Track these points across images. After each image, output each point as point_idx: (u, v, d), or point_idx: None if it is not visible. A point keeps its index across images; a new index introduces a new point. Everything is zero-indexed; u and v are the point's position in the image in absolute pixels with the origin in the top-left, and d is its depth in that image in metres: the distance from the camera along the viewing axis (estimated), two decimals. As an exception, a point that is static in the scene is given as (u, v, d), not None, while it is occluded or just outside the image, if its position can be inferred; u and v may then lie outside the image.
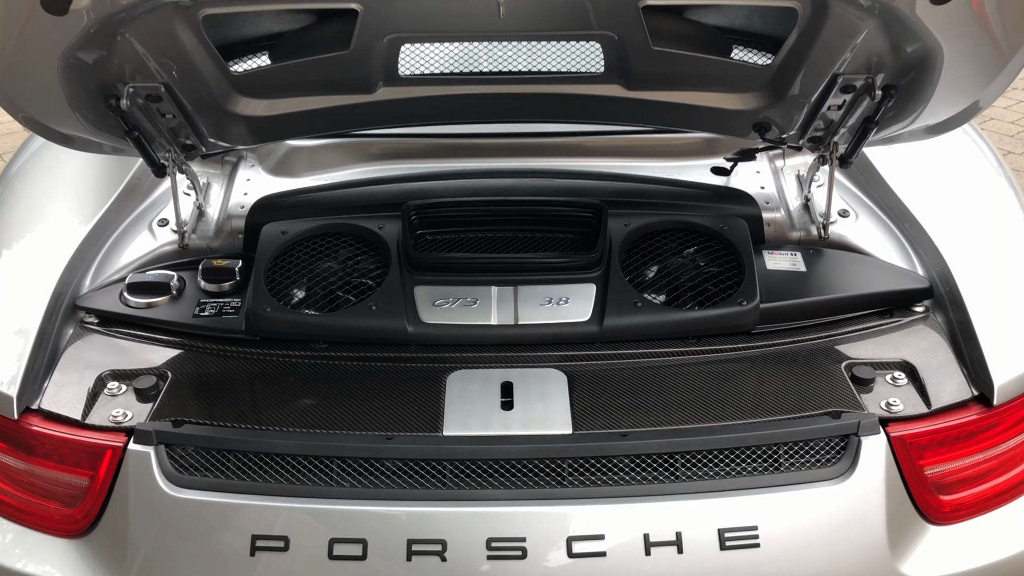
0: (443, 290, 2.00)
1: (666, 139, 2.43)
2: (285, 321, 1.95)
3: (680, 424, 1.76)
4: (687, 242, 2.11)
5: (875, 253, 2.18)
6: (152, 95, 1.88)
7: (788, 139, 2.12)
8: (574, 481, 1.68)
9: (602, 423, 1.76)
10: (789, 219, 2.26)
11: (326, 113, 1.99)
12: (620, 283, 1.99)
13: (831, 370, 1.89)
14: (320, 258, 2.09)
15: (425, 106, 2.01)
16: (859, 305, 2.04)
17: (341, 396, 1.84)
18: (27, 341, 1.86)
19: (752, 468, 1.71)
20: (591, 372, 1.90)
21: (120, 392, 1.85)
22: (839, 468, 1.71)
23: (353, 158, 2.41)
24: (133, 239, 2.23)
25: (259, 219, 2.19)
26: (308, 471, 1.69)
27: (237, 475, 1.69)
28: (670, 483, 1.68)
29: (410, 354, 1.94)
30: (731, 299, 1.97)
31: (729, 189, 2.30)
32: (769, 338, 1.98)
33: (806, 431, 1.73)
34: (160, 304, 2.04)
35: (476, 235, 2.16)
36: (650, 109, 2.02)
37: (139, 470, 1.70)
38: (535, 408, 1.79)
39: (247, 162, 2.40)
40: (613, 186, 2.27)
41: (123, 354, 1.96)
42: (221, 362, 1.94)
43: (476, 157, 2.39)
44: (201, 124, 2.01)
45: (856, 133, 2.01)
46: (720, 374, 1.91)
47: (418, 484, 1.67)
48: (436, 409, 1.79)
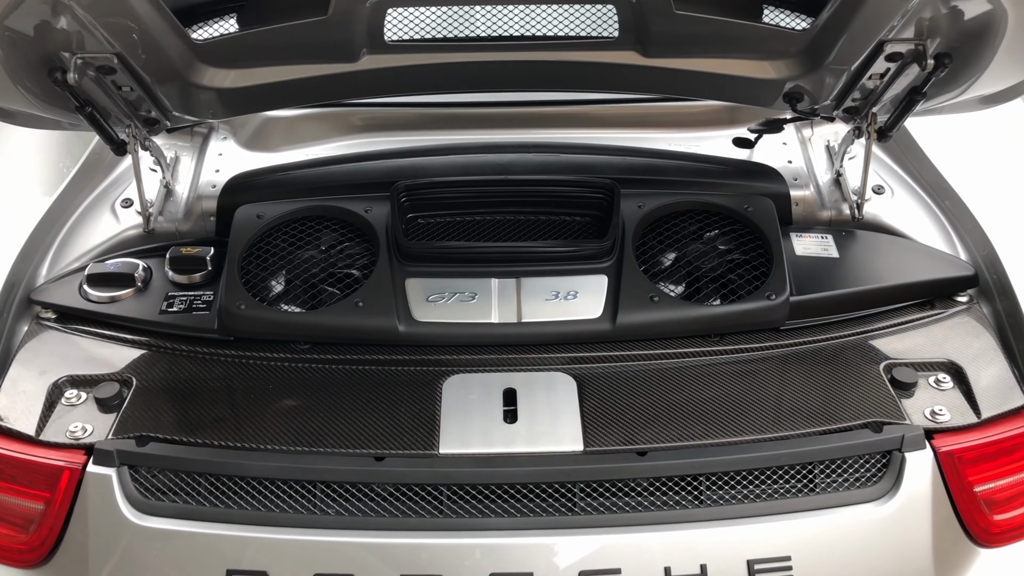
0: (438, 283, 1.81)
1: (683, 107, 2.22)
2: (261, 320, 1.77)
3: (703, 438, 1.58)
4: (708, 225, 1.93)
5: (913, 235, 2.00)
6: (104, 66, 1.66)
7: (821, 110, 1.91)
8: (586, 507, 1.52)
9: (616, 438, 1.58)
10: (819, 197, 2.06)
11: (303, 84, 1.77)
12: (634, 274, 1.80)
13: (869, 372, 1.72)
14: (300, 246, 1.89)
15: (415, 76, 1.79)
16: (897, 296, 1.86)
17: (325, 407, 1.66)
18: None
19: (785, 489, 1.55)
20: (603, 376, 1.72)
21: (79, 402, 1.69)
22: (881, 488, 1.56)
23: (336, 130, 2.20)
24: (94, 222, 2.04)
25: (232, 200, 1.99)
26: (289, 496, 1.54)
27: (209, 501, 1.54)
28: (694, 508, 1.53)
29: (401, 356, 1.77)
30: (758, 292, 1.79)
31: (753, 164, 2.09)
32: (799, 335, 1.81)
33: (844, 447, 1.57)
34: (124, 298, 1.87)
35: (474, 218, 1.97)
36: (669, 78, 1.80)
37: (99, 495, 1.55)
38: (541, 420, 1.62)
39: (219, 134, 2.19)
40: (625, 161, 2.06)
41: (83, 356, 1.79)
42: (191, 366, 1.76)
43: (473, 129, 2.18)
44: (163, 97, 1.79)
45: (899, 104, 1.81)
46: (746, 377, 1.73)
47: (412, 511, 1.52)
48: (431, 422, 1.61)
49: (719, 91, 1.88)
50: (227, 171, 2.09)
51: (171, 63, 1.70)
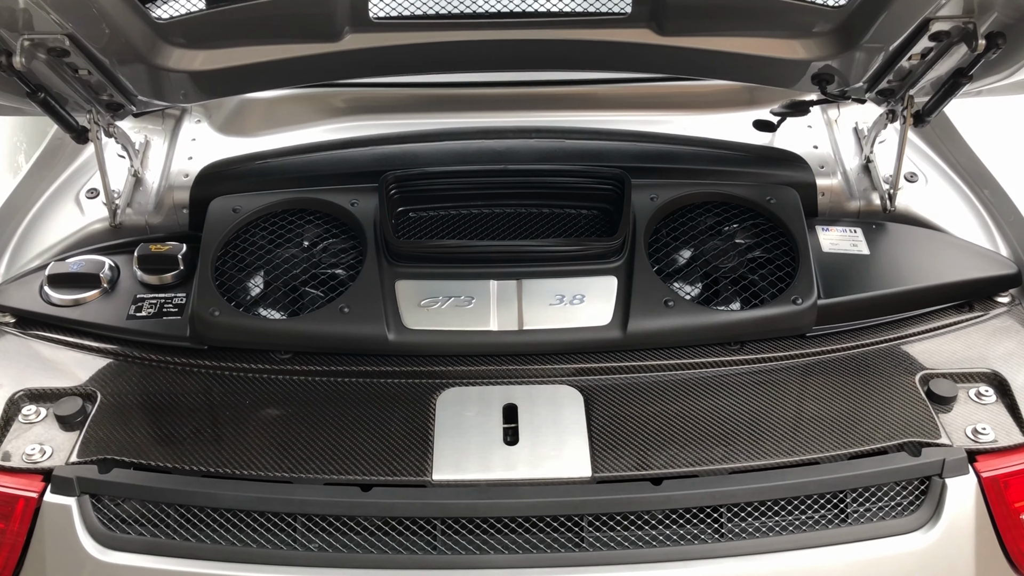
0: (431, 286, 1.68)
1: (699, 87, 2.07)
2: (237, 327, 1.63)
3: (724, 462, 1.45)
4: (727, 219, 1.80)
5: (949, 228, 1.88)
6: (55, 48, 1.49)
7: (852, 92, 1.75)
8: (595, 541, 1.40)
9: (628, 462, 1.45)
10: (847, 186, 1.91)
11: (279, 67, 1.61)
12: (647, 275, 1.66)
13: (903, 384, 1.58)
14: (280, 243, 1.76)
15: (402, 57, 1.63)
16: (933, 298, 1.73)
17: (307, 426, 1.52)
18: None
19: (813, 520, 1.42)
20: (612, 389, 1.59)
21: (38, 419, 1.56)
22: (919, 518, 1.44)
23: (319, 113, 2.06)
24: (56, 215, 1.92)
25: (206, 192, 1.86)
26: (267, 530, 1.41)
27: (180, 534, 1.43)
28: (714, 543, 1.40)
29: (391, 368, 1.64)
30: (783, 296, 1.65)
31: (776, 151, 1.95)
32: (827, 342, 1.68)
33: (879, 473, 1.45)
34: (89, 300, 1.75)
35: (470, 212, 1.84)
36: (686, 58, 1.64)
37: (58, 526, 1.43)
38: (545, 441, 1.49)
39: (192, 117, 2.04)
40: (636, 148, 1.92)
41: (43, 366, 1.67)
42: (161, 378, 1.63)
43: (469, 112, 2.04)
44: (125, 80, 1.64)
45: (941, 87, 1.64)
46: (769, 390, 1.59)
47: (402, 547, 1.41)
48: (423, 444, 1.47)
49: (742, 72, 1.72)
50: (201, 158, 1.95)
51: (131, 44, 1.53)
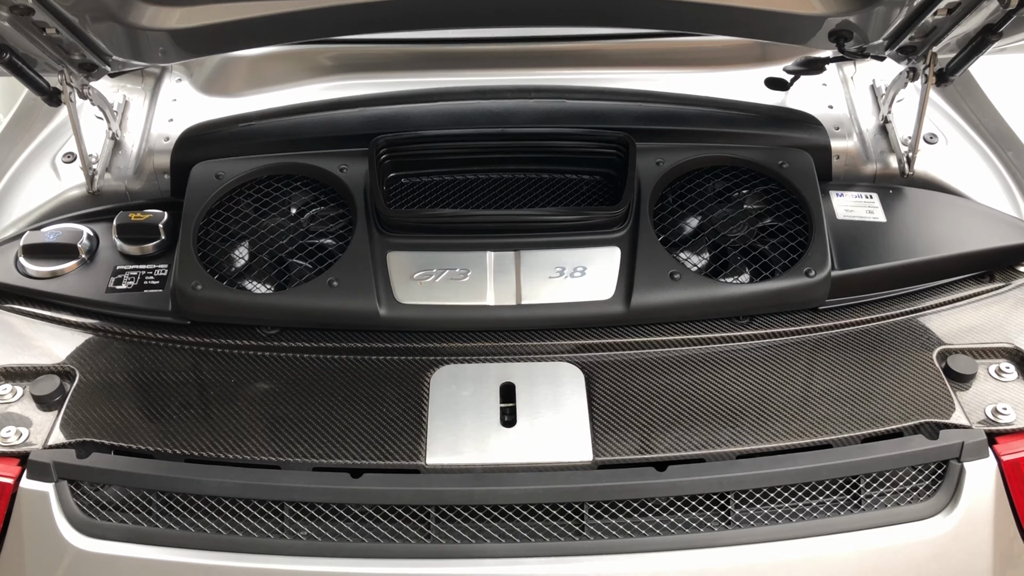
0: (424, 258, 1.62)
1: (707, 43, 1.98)
2: (221, 302, 1.57)
3: (731, 445, 1.39)
4: (737, 185, 1.73)
5: (970, 192, 1.81)
6: (18, 7, 1.39)
7: (871, 49, 1.65)
8: (596, 530, 1.35)
9: (631, 445, 1.39)
10: (863, 148, 1.83)
11: (259, 24, 1.53)
12: (652, 246, 1.59)
13: (920, 360, 1.52)
14: (266, 211, 1.70)
15: (392, 9, 1.52)
16: (953, 268, 1.67)
17: (294, 407, 1.47)
18: None
19: (826, 507, 1.37)
20: (615, 367, 1.54)
21: (14, 399, 1.52)
22: (936, 503, 1.40)
23: (306, 71, 1.98)
24: (31, 181, 1.86)
25: (188, 156, 1.79)
26: (253, 518, 1.37)
27: (162, 521, 1.38)
28: (720, 530, 1.35)
29: (383, 344, 1.59)
30: (795, 268, 1.58)
31: (789, 111, 1.87)
32: (840, 316, 1.62)
33: (895, 457, 1.39)
34: (67, 272, 1.69)
35: (466, 178, 1.77)
36: (696, 13, 1.56)
37: (35, 513, 1.38)
38: (544, 423, 1.44)
39: (173, 76, 1.96)
40: (641, 108, 1.84)
41: (19, 342, 1.61)
42: (142, 355, 1.57)
43: (464, 70, 1.96)
44: (96, 39, 1.55)
45: (968, 45, 1.55)
46: (779, 367, 1.53)
47: (394, 535, 1.36)
48: (416, 426, 1.42)
49: (753, 27, 1.63)
50: (182, 120, 1.88)
51: (101, 1, 1.43)
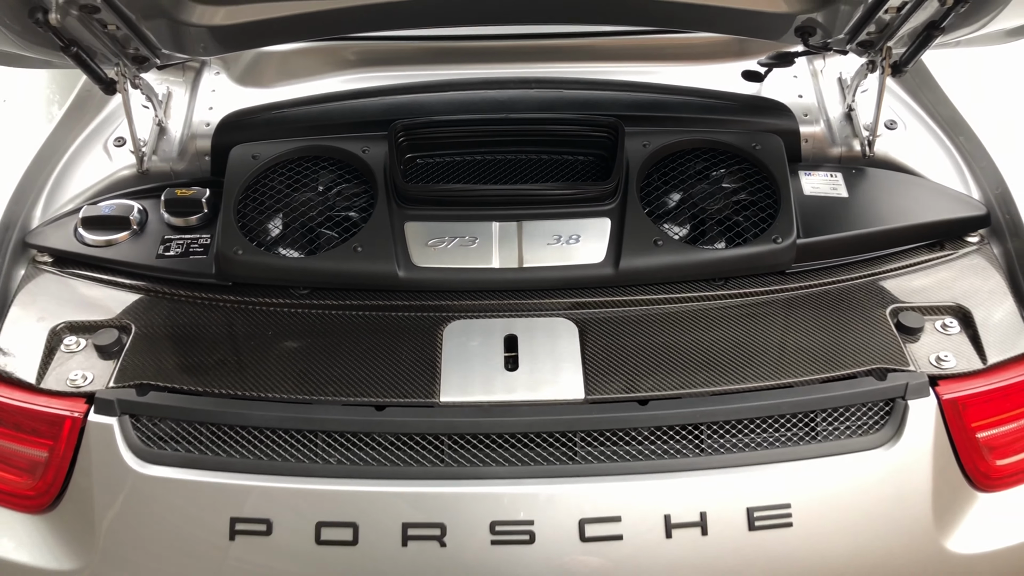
0: (438, 227, 1.78)
1: (690, 40, 2.15)
2: (259, 265, 1.75)
3: (706, 386, 1.57)
4: (714, 164, 1.89)
5: (925, 172, 1.96)
6: (88, 6, 1.59)
7: (834, 44, 1.84)
8: (587, 456, 1.53)
9: (618, 386, 1.57)
10: (829, 133, 2.00)
11: (295, 20, 1.71)
12: (638, 217, 1.77)
13: (875, 316, 1.70)
14: (297, 187, 1.86)
15: (409, 8, 1.72)
16: (907, 237, 1.83)
17: (325, 354, 1.65)
18: None
19: (786, 437, 1.55)
20: (605, 321, 1.71)
21: (78, 348, 1.68)
22: (883, 436, 1.56)
23: (331, 65, 2.14)
24: (86, 162, 2.01)
25: (227, 139, 1.96)
26: (290, 446, 1.54)
27: (212, 450, 1.55)
28: (694, 457, 1.53)
29: (401, 302, 1.75)
30: (765, 235, 1.76)
31: (762, 99, 2.03)
32: (805, 278, 1.79)
33: (847, 395, 1.57)
34: (120, 241, 1.85)
35: (474, 159, 1.93)
36: (676, 10, 1.74)
37: (102, 443, 1.56)
38: (542, 368, 1.62)
39: (212, 69, 2.13)
40: (629, 97, 2.00)
41: (80, 301, 1.78)
42: (190, 311, 1.75)
43: (472, 63, 2.12)
44: (150, 34, 1.74)
45: (916, 38, 1.74)
46: (750, 322, 1.71)
47: (413, 460, 1.53)
48: (432, 370, 1.61)
49: (729, 24, 1.81)
50: (221, 108, 2.04)
51: (156, 1, 1.63)
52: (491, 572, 1.47)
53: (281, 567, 1.50)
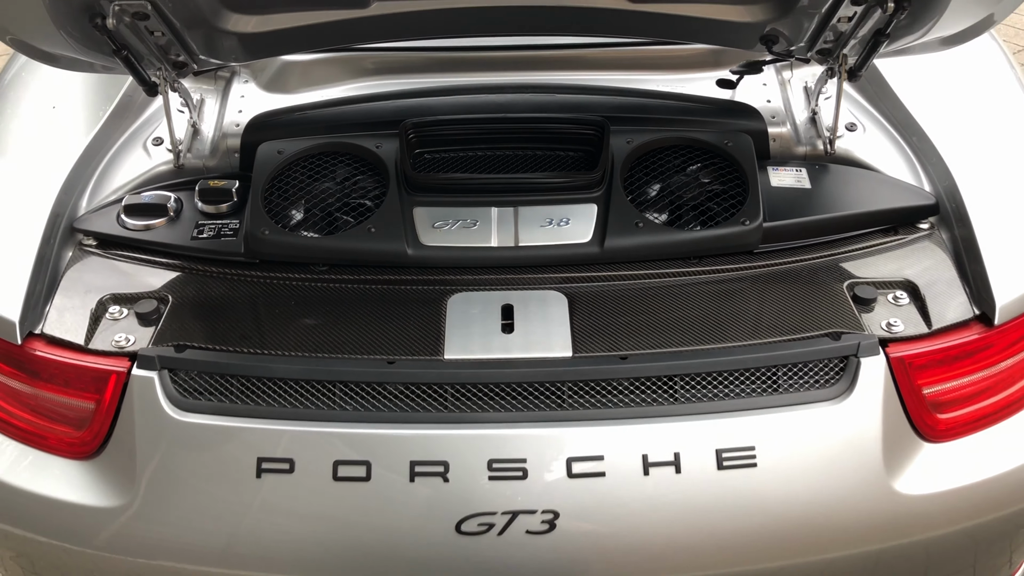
0: (442, 211, 1.97)
1: (670, 51, 2.36)
2: (283, 244, 1.94)
3: (680, 346, 1.76)
4: (690, 159, 2.08)
5: (882, 168, 2.14)
6: (139, 13, 1.81)
7: (796, 51, 2.06)
8: (574, 404, 1.69)
9: (602, 345, 1.76)
10: (795, 134, 2.21)
11: (318, 29, 1.93)
12: (622, 203, 1.97)
13: (833, 289, 1.89)
14: (317, 178, 2.06)
15: (419, 20, 1.94)
16: (863, 223, 2.02)
17: (342, 319, 1.84)
18: (27, 264, 1.86)
19: (751, 390, 1.72)
20: (591, 294, 1.89)
21: (122, 316, 1.86)
22: (837, 389, 1.72)
23: (348, 73, 2.35)
24: (128, 159, 2.19)
25: (254, 138, 2.16)
26: (311, 395, 1.71)
27: (241, 399, 1.71)
28: (669, 405, 1.69)
29: (410, 276, 1.93)
30: (734, 219, 1.95)
31: (734, 103, 2.25)
32: (771, 257, 1.97)
33: (805, 352, 1.74)
34: (158, 226, 2.03)
35: (475, 154, 2.12)
36: (654, 22, 1.95)
37: (144, 395, 1.72)
38: (535, 331, 1.80)
39: (240, 77, 2.34)
40: (615, 101, 2.21)
41: (123, 277, 1.96)
42: (221, 285, 1.94)
43: (474, 71, 2.32)
44: (191, 41, 1.95)
45: (866, 45, 1.95)
46: (721, 294, 1.90)
47: (420, 407, 1.69)
48: (437, 332, 1.80)
49: (702, 34, 2.03)
50: (249, 111, 2.24)
51: (199, 10, 1.85)
52: (489, 504, 1.64)
53: (302, 501, 1.67)
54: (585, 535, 1.65)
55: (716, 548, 1.68)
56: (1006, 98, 2.22)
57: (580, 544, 1.65)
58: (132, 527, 1.73)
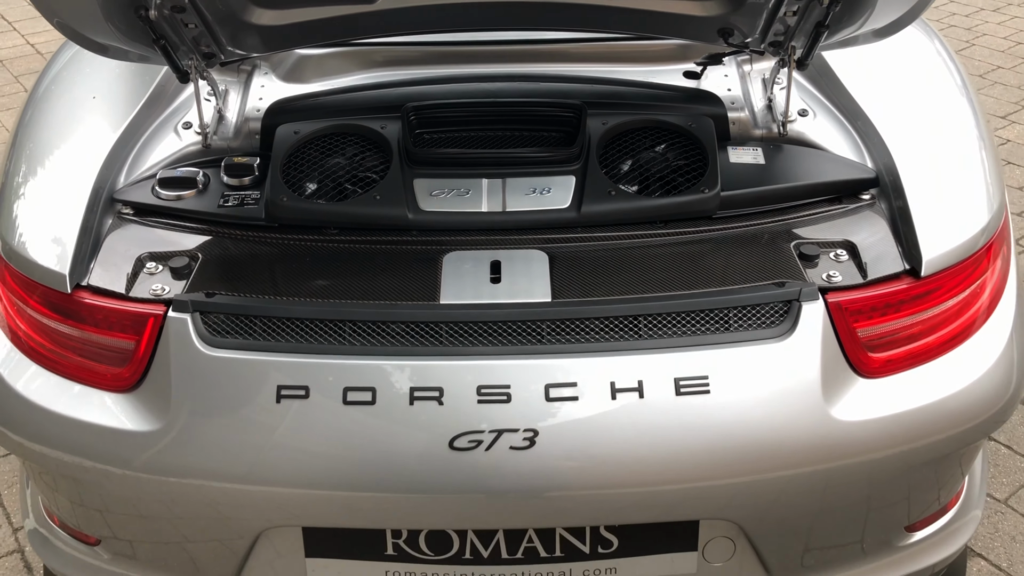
0: (439, 182, 2.23)
1: (642, 45, 2.63)
2: (300, 209, 2.21)
3: (644, 292, 2.02)
4: (658, 139, 2.35)
5: (830, 148, 2.40)
6: (176, 6, 2.09)
7: (751, 44, 2.33)
8: (551, 340, 1.92)
9: (577, 293, 2.02)
10: (752, 118, 2.48)
11: (330, 22, 2.21)
12: (596, 175, 2.24)
13: (781, 248, 2.14)
14: (329, 155, 2.33)
15: (417, 14, 2.22)
16: (811, 193, 2.27)
17: (351, 273, 2.10)
18: (73, 229, 2.11)
19: (705, 328, 1.96)
20: (569, 252, 2.14)
21: (157, 271, 2.11)
22: (781, 329, 1.96)
23: (357, 65, 2.62)
24: (160, 140, 2.46)
25: (274, 121, 2.42)
26: (324, 333, 1.94)
27: (263, 337, 1.95)
28: (634, 340, 1.93)
29: (410, 238, 2.17)
30: (695, 188, 2.21)
31: (698, 91, 2.52)
32: (728, 222, 2.23)
33: (753, 297, 1.98)
34: (188, 196, 2.28)
35: (468, 134, 2.39)
36: (623, 16, 2.23)
37: (178, 334, 1.95)
38: (519, 282, 2.05)
39: (261, 70, 2.62)
40: (593, 88, 2.48)
41: (157, 240, 2.21)
42: (244, 245, 2.20)
43: (468, 63, 2.59)
44: (220, 33, 2.23)
45: (810, 37, 2.23)
46: (683, 253, 2.16)
47: (419, 343, 1.93)
48: (434, 283, 2.05)
49: (667, 28, 2.31)
50: (268, 99, 2.50)
51: (228, 3, 2.14)
52: (477, 423, 1.86)
53: (316, 422, 1.89)
54: (560, 450, 1.89)
55: (674, 464, 1.92)
56: (938, 86, 2.49)
57: (556, 458, 1.89)
58: (167, 449, 1.97)
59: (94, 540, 2.24)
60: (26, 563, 3.11)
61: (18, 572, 3.08)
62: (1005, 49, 6.92)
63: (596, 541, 2.05)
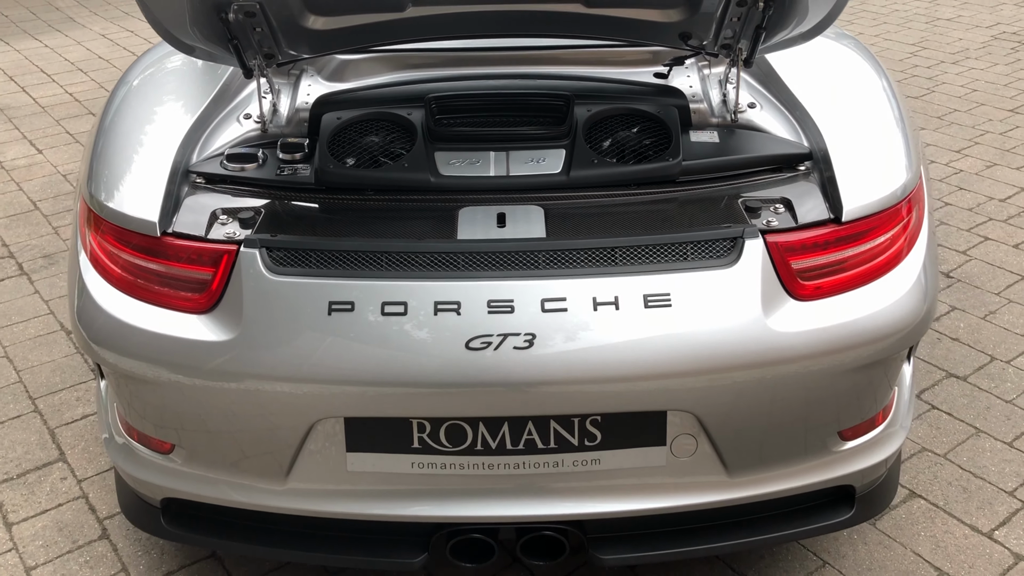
0: (455, 154, 2.75)
1: (620, 51, 3.19)
2: (343, 174, 2.74)
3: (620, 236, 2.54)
4: (632, 122, 2.89)
5: (773, 132, 2.95)
6: (249, 12, 2.65)
7: (706, 46, 2.90)
8: (546, 265, 2.30)
9: (566, 233, 2.54)
10: (710, 108, 3.03)
11: (368, 27, 2.77)
12: (583, 149, 2.77)
13: (732, 204, 2.66)
14: (366, 135, 2.86)
15: (439, 20, 2.78)
16: (756, 164, 2.80)
17: (384, 224, 2.63)
18: (159, 193, 2.62)
19: (669, 258, 2.48)
20: (561, 207, 2.67)
21: (228, 222, 2.61)
22: (729, 260, 2.45)
23: (387, 67, 3.17)
24: (226, 128, 2.99)
25: (320, 111, 2.97)
26: (366, 261, 2.44)
27: (316, 265, 2.44)
28: (611, 267, 2.43)
29: (432, 197, 2.58)
30: (661, 157, 2.75)
31: (666, 87, 3.07)
32: (688, 185, 2.75)
33: (707, 235, 2.50)
34: (250, 168, 2.81)
35: (479, 118, 2.92)
36: (601, 23, 2.79)
37: (248, 264, 2.43)
38: (520, 227, 2.56)
39: (308, 73, 3.17)
40: (580, 84, 3.01)
41: (226, 201, 2.71)
42: (298, 204, 2.72)
43: (477, 65, 3.14)
44: (280, 36, 2.79)
45: (752, 39, 2.79)
46: (653, 209, 2.68)
47: (441, 268, 2.32)
48: (452, 228, 2.56)
49: (639, 33, 2.86)
50: (315, 94, 3.06)
51: (291, 11, 2.71)
52: (488, 329, 2.33)
53: (360, 330, 2.37)
54: (554, 350, 2.36)
55: (643, 363, 2.40)
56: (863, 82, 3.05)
57: (550, 355, 2.36)
58: (239, 355, 2.46)
59: (168, 447, 2.71)
60: (90, 506, 3.56)
61: (84, 513, 3.53)
62: (962, 95, 7.55)
63: (583, 435, 2.52)
